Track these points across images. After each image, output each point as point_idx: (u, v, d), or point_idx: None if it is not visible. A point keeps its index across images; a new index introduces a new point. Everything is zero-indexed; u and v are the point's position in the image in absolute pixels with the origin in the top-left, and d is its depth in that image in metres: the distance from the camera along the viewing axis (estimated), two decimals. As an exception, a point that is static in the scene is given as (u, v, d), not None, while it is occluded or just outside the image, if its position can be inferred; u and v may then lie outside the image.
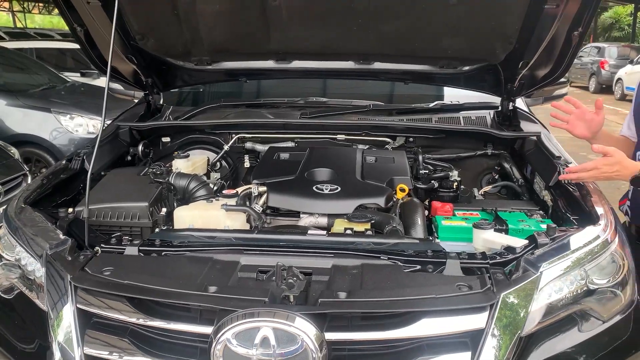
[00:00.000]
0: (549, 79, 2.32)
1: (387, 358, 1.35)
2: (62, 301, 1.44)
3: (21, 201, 1.85)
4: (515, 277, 1.43)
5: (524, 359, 1.37)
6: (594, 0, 1.91)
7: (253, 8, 2.18)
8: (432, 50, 2.37)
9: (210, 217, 1.84)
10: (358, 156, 2.24)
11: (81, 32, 2.29)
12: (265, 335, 1.27)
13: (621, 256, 1.62)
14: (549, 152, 2.17)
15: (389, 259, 1.53)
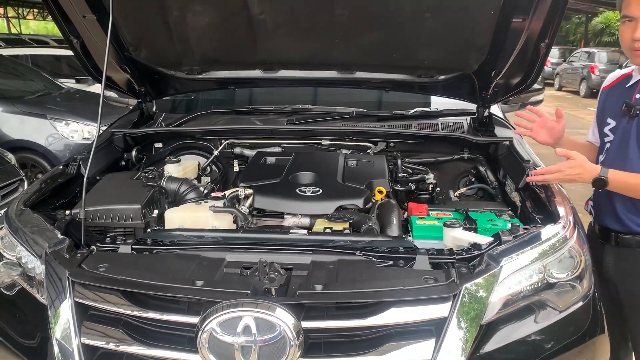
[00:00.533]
0: (520, 86, 2.47)
1: (359, 344, 1.48)
2: (61, 295, 1.56)
3: (21, 204, 1.97)
4: (478, 271, 1.56)
5: (484, 345, 1.50)
6: (557, 16, 2.06)
7: (240, 21, 2.31)
8: (410, 61, 2.50)
9: (198, 218, 1.97)
10: (340, 160, 2.37)
11: (77, 44, 2.41)
12: (246, 324, 1.39)
13: (579, 252, 1.75)
14: (519, 156, 2.31)
15: (363, 255, 1.66)
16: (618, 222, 1.97)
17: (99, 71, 2.57)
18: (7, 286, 1.79)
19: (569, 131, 2.16)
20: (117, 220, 2.00)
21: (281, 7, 2.24)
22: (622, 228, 1.96)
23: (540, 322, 1.60)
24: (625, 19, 1.83)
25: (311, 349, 1.44)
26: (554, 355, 1.57)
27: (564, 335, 1.62)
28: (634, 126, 1.88)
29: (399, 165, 2.43)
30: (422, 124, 2.77)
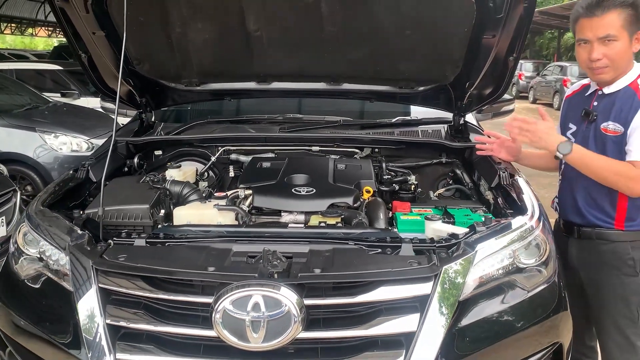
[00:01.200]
0: (492, 96, 2.73)
1: (354, 320, 1.68)
2: (86, 283, 1.75)
3: (39, 204, 2.14)
4: (455, 255, 1.79)
5: (462, 319, 1.72)
6: (523, 33, 2.32)
7: (238, 37, 2.53)
8: (392, 73, 2.75)
9: (204, 215, 2.16)
10: (330, 164, 2.58)
11: (85, 58, 2.60)
12: (256, 301, 1.59)
13: (544, 240, 1.99)
14: (491, 159, 2.56)
15: (355, 244, 1.87)
16: (580, 216, 2.18)
17: (104, 83, 2.77)
18: (32, 278, 1.95)
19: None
20: (128, 219, 2.17)
21: (276, 25, 2.47)
22: (583, 221, 2.17)
23: (510, 300, 1.82)
24: (581, 42, 2.04)
25: (312, 324, 1.64)
26: (523, 328, 1.80)
27: (531, 311, 1.85)
28: (592, 130, 2.11)
29: (384, 168, 2.66)
30: (404, 131, 3.01)
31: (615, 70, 2.01)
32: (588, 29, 1.99)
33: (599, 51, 1.97)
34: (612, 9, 1.93)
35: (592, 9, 1.96)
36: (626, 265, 2.08)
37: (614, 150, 2.02)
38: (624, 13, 1.93)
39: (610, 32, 1.94)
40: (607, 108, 2.06)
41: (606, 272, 2.12)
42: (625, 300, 2.10)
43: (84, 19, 2.38)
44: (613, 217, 2.08)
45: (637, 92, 1.99)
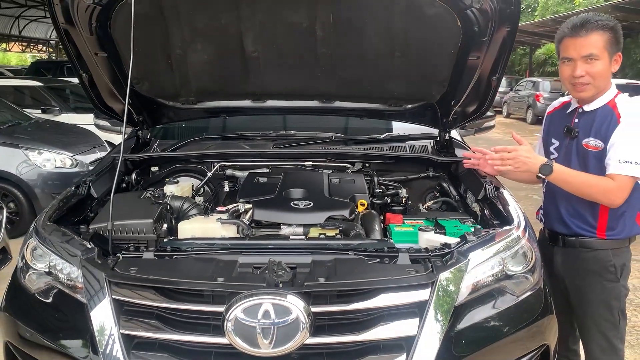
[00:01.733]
0: (476, 114, 2.88)
1: (357, 325, 1.79)
2: (99, 295, 1.82)
3: (46, 220, 2.21)
4: (450, 263, 1.91)
5: (458, 323, 1.83)
6: (505, 54, 2.47)
7: (236, 58, 2.64)
8: (382, 92, 2.89)
9: (208, 228, 2.25)
10: (324, 178, 2.69)
11: (85, 78, 2.68)
12: (266, 309, 1.68)
13: (530, 249, 2.12)
14: (477, 173, 2.69)
15: (355, 254, 1.98)
16: (564, 226, 2.31)
17: (102, 102, 2.84)
18: (43, 292, 2.01)
19: None
20: (132, 233, 2.24)
21: (273, 46, 2.59)
22: (567, 231, 2.30)
23: (501, 305, 1.95)
24: (565, 60, 2.18)
25: (318, 330, 1.74)
26: (514, 331, 1.93)
27: (521, 315, 1.97)
28: (574, 145, 2.25)
29: (375, 182, 2.78)
30: (392, 146, 3.15)
31: (596, 87, 2.16)
32: (572, 48, 2.13)
33: (582, 69, 2.12)
34: (595, 31, 2.09)
35: (576, 30, 2.11)
36: (608, 271, 2.22)
37: (596, 164, 2.17)
38: (605, 35, 2.09)
39: (593, 52, 2.10)
40: (587, 125, 2.21)
41: (590, 278, 2.25)
42: (607, 305, 2.24)
43: (87, 40, 2.47)
44: (595, 227, 2.22)
45: (614, 110, 2.15)
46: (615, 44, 2.12)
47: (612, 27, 2.10)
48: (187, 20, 2.49)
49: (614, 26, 2.11)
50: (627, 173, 2.07)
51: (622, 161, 2.07)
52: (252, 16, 2.45)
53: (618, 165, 2.07)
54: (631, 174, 2.07)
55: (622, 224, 2.21)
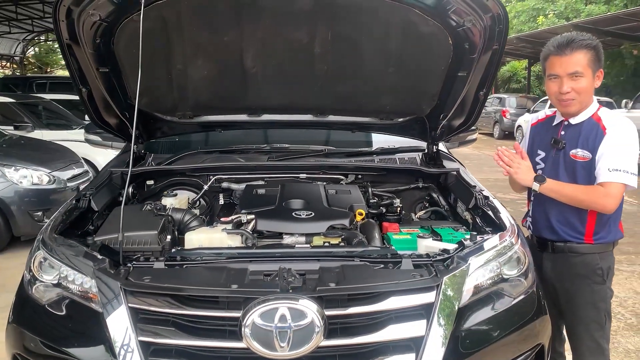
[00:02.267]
0: (462, 127, 3.02)
1: (367, 328, 1.87)
2: (115, 303, 1.85)
3: (52, 232, 2.23)
4: (452, 267, 2.01)
5: (462, 323, 1.93)
6: (493, 70, 2.61)
7: (235, 73, 2.72)
8: (375, 106, 3.01)
9: (214, 238, 2.31)
10: (321, 189, 2.78)
11: (85, 92, 2.71)
12: (282, 313, 1.75)
13: (523, 253, 2.25)
14: (467, 183, 2.82)
15: (360, 261, 2.07)
16: (553, 233, 2.41)
17: (100, 116, 2.87)
18: (54, 302, 2.03)
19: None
20: (137, 245, 2.27)
21: (272, 62, 2.68)
22: (556, 237, 2.40)
23: (500, 307, 2.06)
24: (551, 77, 2.30)
25: (331, 332, 1.81)
26: (512, 330, 2.04)
27: (517, 316, 2.09)
28: (561, 156, 2.38)
29: (370, 193, 2.88)
30: (383, 158, 3.26)
31: (580, 103, 2.30)
32: (558, 66, 2.26)
33: (568, 85, 2.26)
34: (579, 49, 2.23)
35: (562, 48, 2.25)
36: (595, 274, 2.35)
37: (584, 174, 2.30)
38: (588, 53, 2.24)
39: (577, 69, 2.24)
40: (574, 137, 2.34)
41: (578, 282, 2.38)
42: (595, 307, 2.37)
43: (90, 55, 2.51)
44: (582, 233, 2.35)
45: (599, 123, 2.29)
46: (597, 62, 2.27)
47: (595, 46, 2.25)
48: (189, 37, 2.56)
49: (596, 45, 2.26)
50: (617, 180, 2.20)
51: (611, 170, 2.21)
52: (254, 33, 2.54)
53: (608, 174, 2.21)
54: (621, 181, 2.21)
55: (607, 230, 2.35)
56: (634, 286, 4.87)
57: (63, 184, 6.22)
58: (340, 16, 2.48)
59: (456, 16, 2.38)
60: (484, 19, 2.32)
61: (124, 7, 2.30)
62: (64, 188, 6.20)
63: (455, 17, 2.39)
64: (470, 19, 2.35)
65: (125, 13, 2.36)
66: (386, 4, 2.37)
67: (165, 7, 2.35)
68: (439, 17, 2.43)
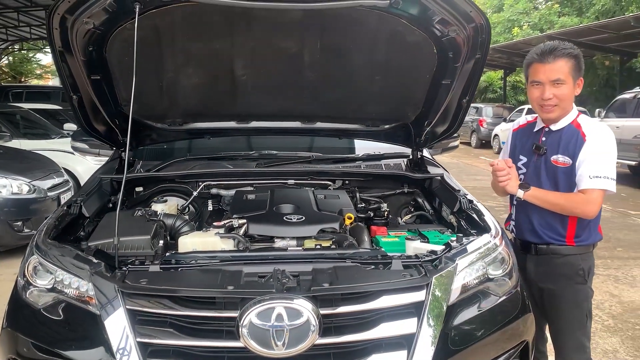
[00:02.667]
0: (446, 133, 3.11)
1: (361, 326, 1.92)
2: (112, 305, 1.88)
3: (46, 237, 2.25)
4: (440, 267, 2.08)
5: (451, 321, 2.01)
6: (475, 78, 2.71)
7: (225, 81, 2.77)
8: (361, 113, 3.09)
9: (208, 242, 2.35)
10: (310, 194, 2.84)
11: (76, 100, 2.73)
12: (279, 312, 1.80)
13: (507, 254, 2.33)
14: (451, 188, 2.91)
15: (352, 262, 2.13)
16: (535, 236, 2.48)
17: (90, 124, 2.89)
18: (50, 306, 2.05)
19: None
20: (130, 249, 2.30)
21: (261, 70, 2.75)
22: (538, 240, 2.48)
23: (487, 305, 2.14)
24: (534, 83, 2.38)
25: (325, 331, 1.86)
26: (498, 328, 2.12)
27: (503, 313, 2.17)
28: (543, 162, 2.46)
29: (358, 198, 2.95)
30: (369, 164, 3.34)
31: (562, 109, 2.39)
32: (541, 73, 2.34)
33: (550, 92, 2.34)
34: (562, 57, 2.32)
35: (545, 56, 2.34)
36: (577, 275, 2.43)
37: (564, 179, 2.39)
38: (570, 62, 2.32)
39: (560, 77, 2.31)
40: (554, 143, 2.43)
41: (561, 282, 2.45)
42: (577, 306, 2.45)
43: (82, 63, 2.53)
44: (564, 235, 2.43)
45: (579, 130, 2.38)
46: (578, 70, 2.36)
47: (576, 55, 2.35)
48: (181, 45, 2.61)
49: (577, 54, 2.35)
50: (597, 187, 2.29)
51: (592, 177, 2.29)
52: (245, 42, 2.60)
53: (589, 181, 2.29)
54: (601, 187, 2.29)
55: (587, 232, 2.44)
56: (610, 289, 5.04)
57: (43, 193, 6.17)
58: (329, 26, 2.56)
59: (441, 26, 2.47)
60: (467, 29, 2.41)
61: (118, 15, 2.33)
62: (44, 198, 6.16)
63: (440, 27, 2.48)
64: (455, 29, 2.44)
65: (119, 21, 2.39)
66: (374, 14, 2.45)
67: (158, 15, 2.39)
68: (424, 27, 2.51)
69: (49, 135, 9.18)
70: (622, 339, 4.00)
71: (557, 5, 26.13)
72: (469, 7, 2.29)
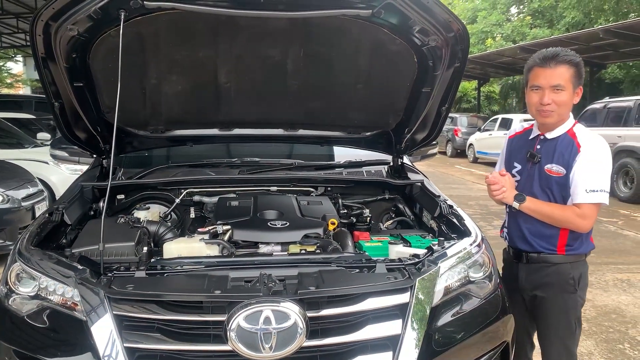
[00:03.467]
0: (425, 141, 3.17)
1: (347, 328, 1.95)
2: (99, 311, 1.88)
3: (29, 245, 2.23)
4: (423, 270, 2.13)
5: (435, 322, 2.05)
6: (454, 86, 2.78)
7: (208, 88, 2.79)
8: (343, 121, 3.13)
9: (193, 248, 2.35)
10: (294, 201, 2.87)
11: (57, 107, 2.71)
12: (267, 316, 1.82)
13: (487, 257, 2.39)
14: (431, 193, 2.97)
15: (337, 266, 2.16)
16: (527, 244, 2.46)
17: (71, 131, 2.88)
18: (34, 313, 2.03)
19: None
20: (114, 256, 2.30)
21: (245, 78, 2.77)
22: (530, 249, 2.46)
23: (469, 307, 2.19)
24: (533, 88, 2.34)
25: (312, 333, 1.89)
26: (480, 328, 2.17)
27: (484, 314, 2.22)
28: (537, 170, 2.41)
29: (340, 204, 2.99)
30: (351, 171, 3.38)
31: (559, 115, 2.34)
32: (542, 77, 2.31)
33: (549, 97, 2.30)
34: (563, 64, 2.28)
35: (546, 61, 2.30)
36: (568, 283, 2.44)
37: (558, 190, 2.38)
38: (571, 69, 2.29)
39: (560, 82, 2.28)
40: (549, 151, 2.39)
41: (552, 290, 2.46)
42: (567, 314, 2.46)
43: (65, 69, 2.52)
44: (555, 245, 2.42)
45: (574, 139, 2.34)
46: (578, 78, 2.33)
47: (577, 63, 2.34)
48: (165, 52, 2.62)
49: (578, 62, 2.35)
50: (593, 201, 2.28)
51: (588, 191, 2.27)
52: (229, 50, 2.62)
53: (585, 195, 2.27)
54: (597, 201, 2.28)
55: (579, 242, 2.43)
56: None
57: (17, 203, 6.06)
58: (312, 35, 2.60)
59: (421, 35, 2.53)
60: (446, 38, 2.48)
61: (102, 22, 2.33)
62: (18, 208, 6.05)
63: (421, 36, 2.54)
64: (435, 38, 2.50)
65: (104, 29, 2.40)
66: (356, 23, 2.50)
67: (143, 23, 2.40)
68: (405, 37, 2.58)
69: (22, 144, 9.03)
70: (597, 341, 4.09)
71: (529, 17, 26.80)
72: (448, 17, 2.35)
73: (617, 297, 5.11)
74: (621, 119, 10.89)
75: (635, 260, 6.31)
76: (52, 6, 2.17)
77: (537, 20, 26.16)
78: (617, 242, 7.22)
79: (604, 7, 20.35)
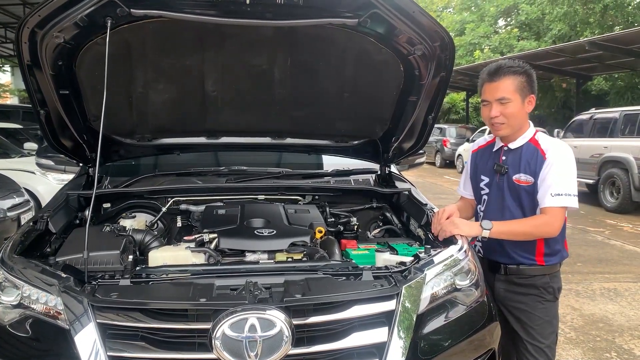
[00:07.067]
0: (412, 149, 3.19)
1: (333, 336, 1.94)
2: (82, 320, 1.85)
3: (12, 253, 2.20)
4: (410, 277, 2.13)
5: (421, 329, 2.04)
6: (440, 95, 2.80)
7: (196, 96, 2.79)
8: (330, 129, 3.14)
9: (179, 256, 2.34)
10: (281, 209, 2.86)
11: (43, 115, 2.70)
12: (252, 323, 1.80)
13: (474, 265, 2.39)
14: (418, 202, 2.98)
15: (323, 274, 2.16)
16: (507, 257, 2.50)
17: (57, 139, 2.86)
18: (16, 322, 1.99)
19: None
20: (99, 264, 2.27)
21: (232, 87, 2.78)
22: (509, 260, 2.50)
23: (455, 314, 2.19)
24: (484, 102, 2.43)
25: (298, 341, 1.88)
26: (467, 336, 2.17)
27: (470, 322, 2.22)
28: (505, 181, 2.47)
29: (328, 212, 2.99)
30: (339, 180, 3.39)
31: (510, 127, 2.40)
32: (488, 92, 2.40)
33: (496, 110, 2.38)
34: (507, 76, 2.35)
35: (492, 76, 2.39)
36: (547, 292, 2.47)
37: (527, 198, 2.43)
38: (516, 80, 2.36)
39: (504, 95, 2.35)
40: (515, 161, 2.47)
41: (532, 300, 2.49)
42: (549, 323, 2.49)
43: (50, 77, 2.51)
44: (534, 254, 2.46)
45: (538, 147, 2.42)
46: (527, 87, 2.38)
47: (524, 72, 2.39)
48: (152, 61, 2.62)
49: (526, 71, 2.40)
50: (559, 204, 2.34)
51: (554, 194, 2.32)
52: (216, 58, 2.63)
53: (551, 199, 2.33)
54: (563, 204, 2.34)
55: (555, 249, 2.48)
56: (571, 303, 5.18)
57: (3, 213, 6.03)
58: (299, 44, 2.62)
59: (407, 45, 2.56)
60: (432, 48, 2.50)
61: (89, 30, 2.33)
62: (4, 218, 6.02)
63: (407, 45, 2.56)
64: (420, 48, 2.53)
65: (90, 36, 2.39)
66: (343, 32, 2.52)
67: (130, 31, 2.40)
68: (391, 46, 2.60)
69: (8, 154, 8.97)
70: (584, 350, 4.11)
71: (516, 29, 27.10)
72: (434, 27, 2.38)
73: (604, 306, 5.14)
74: (607, 129, 11.03)
75: (621, 270, 6.36)
76: (38, 13, 2.17)
77: (524, 33, 26.48)
78: (604, 251, 7.27)
79: (590, 20, 20.62)
